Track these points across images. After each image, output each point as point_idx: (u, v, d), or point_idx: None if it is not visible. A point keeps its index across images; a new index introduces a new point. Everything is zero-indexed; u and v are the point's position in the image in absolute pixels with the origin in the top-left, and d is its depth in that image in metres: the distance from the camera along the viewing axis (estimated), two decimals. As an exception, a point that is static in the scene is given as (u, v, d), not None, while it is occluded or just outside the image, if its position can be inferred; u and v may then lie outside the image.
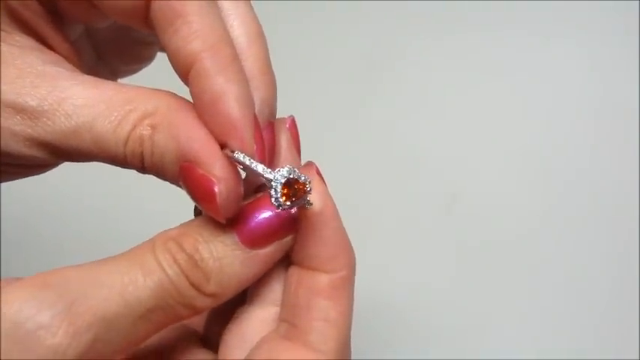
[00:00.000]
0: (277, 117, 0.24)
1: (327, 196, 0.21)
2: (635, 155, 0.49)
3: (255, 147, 0.20)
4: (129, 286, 0.19)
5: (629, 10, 0.54)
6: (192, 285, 0.20)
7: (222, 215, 0.20)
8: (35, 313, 0.17)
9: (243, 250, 0.20)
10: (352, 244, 0.22)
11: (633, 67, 0.52)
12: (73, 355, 0.18)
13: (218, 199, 0.19)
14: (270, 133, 0.22)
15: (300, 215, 0.21)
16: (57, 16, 0.23)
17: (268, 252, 0.21)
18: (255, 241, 0.21)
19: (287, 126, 0.23)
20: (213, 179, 0.19)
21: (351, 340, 0.22)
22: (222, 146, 0.20)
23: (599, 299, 0.45)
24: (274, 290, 0.22)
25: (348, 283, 0.21)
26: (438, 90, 0.54)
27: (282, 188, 0.20)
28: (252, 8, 0.24)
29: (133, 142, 0.20)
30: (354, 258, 0.22)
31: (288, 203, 0.20)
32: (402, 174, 0.51)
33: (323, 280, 0.21)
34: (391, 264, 0.47)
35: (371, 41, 0.56)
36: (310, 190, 0.20)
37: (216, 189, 0.19)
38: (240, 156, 0.20)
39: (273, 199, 0.20)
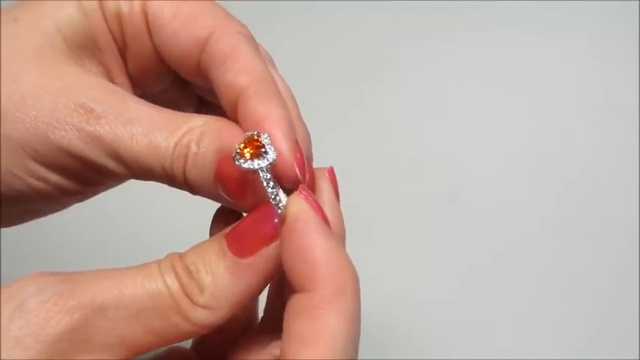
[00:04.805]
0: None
1: (305, 208, 0.20)
2: (636, 153, 0.50)
3: (294, 163, 0.22)
4: (128, 284, 0.20)
5: (629, 10, 0.54)
6: (187, 295, 0.21)
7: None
8: (38, 291, 0.19)
9: (232, 260, 0.21)
10: (348, 255, 0.20)
11: (633, 66, 0.52)
12: (61, 329, 0.19)
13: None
14: (310, 172, 0.23)
15: (280, 223, 0.21)
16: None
17: (254, 260, 0.21)
18: (240, 247, 0.21)
19: (327, 174, 0.24)
20: None
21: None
22: None
23: (600, 299, 0.45)
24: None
25: (331, 302, 0.19)
26: (438, 90, 0.54)
27: (244, 141, 0.21)
28: (281, 76, 0.27)
29: (181, 145, 0.23)
30: (346, 274, 0.20)
31: (244, 152, 0.21)
32: (402, 173, 0.51)
33: (299, 300, 0.20)
34: (390, 264, 0.47)
35: (371, 40, 0.56)
36: (265, 145, 0.21)
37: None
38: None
39: (235, 154, 0.21)
